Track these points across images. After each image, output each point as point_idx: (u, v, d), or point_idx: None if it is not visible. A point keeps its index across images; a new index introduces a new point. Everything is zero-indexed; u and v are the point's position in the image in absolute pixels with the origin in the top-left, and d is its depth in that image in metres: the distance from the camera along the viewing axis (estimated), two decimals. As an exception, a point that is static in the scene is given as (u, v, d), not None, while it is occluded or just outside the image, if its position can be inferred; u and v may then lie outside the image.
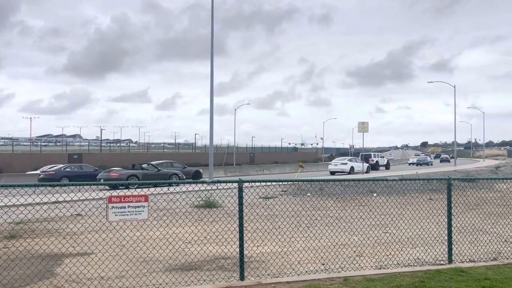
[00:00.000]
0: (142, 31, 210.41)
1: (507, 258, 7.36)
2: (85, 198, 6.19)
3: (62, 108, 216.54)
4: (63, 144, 77.94)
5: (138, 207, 5.76)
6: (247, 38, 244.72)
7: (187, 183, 6.68)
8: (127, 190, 9.30)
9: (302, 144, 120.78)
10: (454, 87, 56.57)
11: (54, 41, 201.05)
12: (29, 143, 79.64)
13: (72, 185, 5.80)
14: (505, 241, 8.85)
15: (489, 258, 7.36)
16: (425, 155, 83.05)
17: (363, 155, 47.28)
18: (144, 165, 26.21)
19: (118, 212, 5.65)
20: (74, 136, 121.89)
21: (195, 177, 29.60)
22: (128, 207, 5.70)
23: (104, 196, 5.76)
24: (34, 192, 11.33)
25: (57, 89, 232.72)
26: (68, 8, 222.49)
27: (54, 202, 9.80)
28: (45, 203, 9.41)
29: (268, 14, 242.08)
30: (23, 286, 5.93)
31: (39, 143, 74.78)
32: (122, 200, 5.68)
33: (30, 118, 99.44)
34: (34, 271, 6.45)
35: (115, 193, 5.82)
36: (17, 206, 9.04)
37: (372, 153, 53.01)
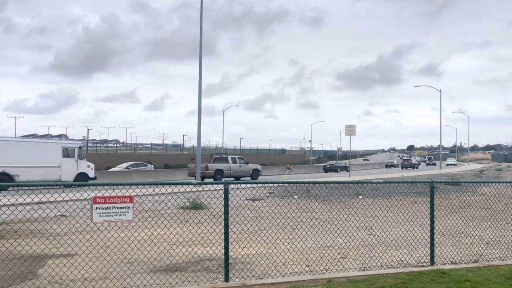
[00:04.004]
0: (131, 30, 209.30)
1: (488, 261, 7.48)
2: (69, 198, 6.12)
3: (48, 107, 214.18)
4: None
5: (123, 208, 5.73)
6: (237, 40, 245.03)
7: (173, 184, 6.66)
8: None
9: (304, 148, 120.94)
10: (440, 91, 57.32)
11: (41, 39, 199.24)
12: (14, 143, 78.41)
13: (57, 185, 5.76)
14: (486, 243, 9.01)
15: (471, 260, 7.49)
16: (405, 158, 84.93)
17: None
18: None
19: (102, 213, 5.62)
20: (60, 136, 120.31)
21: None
22: (112, 208, 5.67)
23: (88, 197, 5.72)
24: (17, 192, 11.12)
25: (43, 88, 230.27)
26: (55, 7, 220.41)
27: (37, 203, 9.69)
28: (28, 204, 9.31)
29: (259, 15, 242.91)
30: (5, 287, 5.86)
31: (24, 143, 73.63)
32: (107, 201, 5.65)
33: (15, 118, 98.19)
34: (17, 272, 6.37)
35: (99, 193, 5.79)
36: None
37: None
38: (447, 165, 73.57)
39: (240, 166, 36.04)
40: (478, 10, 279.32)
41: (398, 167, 71.84)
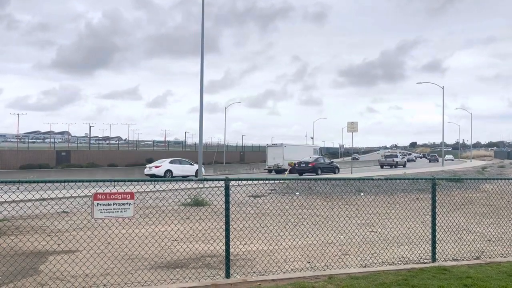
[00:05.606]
0: (133, 27, 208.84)
1: (490, 257, 7.46)
2: (70, 195, 6.06)
3: (50, 104, 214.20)
4: (51, 141, 77.06)
5: (124, 204, 5.72)
6: (239, 36, 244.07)
7: (175, 181, 6.65)
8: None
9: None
10: (443, 88, 57.18)
11: (43, 36, 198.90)
12: (16, 140, 78.57)
13: (57, 181, 5.74)
14: (488, 240, 8.98)
15: (472, 257, 7.46)
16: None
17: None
18: None
19: (103, 209, 5.61)
20: (62, 133, 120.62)
21: None
22: (113, 204, 5.66)
23: (89, 194, 5.70)
24: (18, 188, 11.14)
25: (46, 85, 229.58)
26: (57, 3, 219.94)
27: (38, 199, 9.72)
28: (29, 200, 9.34)
29: (262, 11, 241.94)
30: (7, 283, 5.87)
31: (27, 140, 73.76)
32: (108, 197, 5.65)
33: (18, 114, 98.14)
34: (18, 268, 6.39)
35: (100, 190, 5.79)
36: (1, 203, 8.95)
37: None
38: (445, 160, 75.65)
39: (402, 159, 57.52)
40: (482, 6, 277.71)
41: (415, 161, 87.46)
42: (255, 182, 20.86)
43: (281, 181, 20.76)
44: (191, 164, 33.96)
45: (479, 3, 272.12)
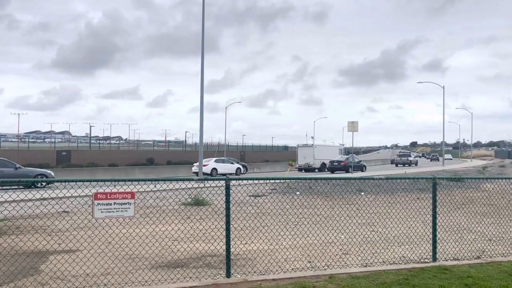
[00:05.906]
0: (133, 27, 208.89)
1: (490, 257, 7.45)
2: (70, 195, 6.06)
3: (50, 104, 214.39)
4: (51, 141, 77.10)
5: (124, 204, 5.72)
6: (240, 36, 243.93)
7: (175, 180, 6.65)
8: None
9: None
10: (443, 87, 57.13)
11: (43, 35, 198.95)
12: (17, 140, 78.62)
13: (58, 181, 5.75)
14: (489, 239, 8.97)
15: (473, 256, 7.46)
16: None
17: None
18: None
19: (103, 209, 5.61)
20: (63, 132, 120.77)
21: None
22: (114, 204, 5.66)
23: (90, 193, 5.72)
24: (18, 188, 11.16)
25: (46, 85, 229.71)
26: (57, 3, 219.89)
27: (39, 199, 9.73)
28: (30, 200, 9.34)
29: (262, 11, 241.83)
30: (7, 283, 5.87)
31: (27, 140, 73.81)
32: (108, 197, 5.65)
33: (18, 114, 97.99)
34: (18, 267, 6.39)
35: (101, 189, 5.79)
36: (1, 202, 8.95)
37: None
38: (444, 159, 76.29)
39: (414, 158, 63.94)
40: (482, 6, 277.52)
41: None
42: (256, 181, 20.88)
43: (281, 181, 20.76)
44: (232, 163, 37.85)
45: (479, 3, 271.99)
